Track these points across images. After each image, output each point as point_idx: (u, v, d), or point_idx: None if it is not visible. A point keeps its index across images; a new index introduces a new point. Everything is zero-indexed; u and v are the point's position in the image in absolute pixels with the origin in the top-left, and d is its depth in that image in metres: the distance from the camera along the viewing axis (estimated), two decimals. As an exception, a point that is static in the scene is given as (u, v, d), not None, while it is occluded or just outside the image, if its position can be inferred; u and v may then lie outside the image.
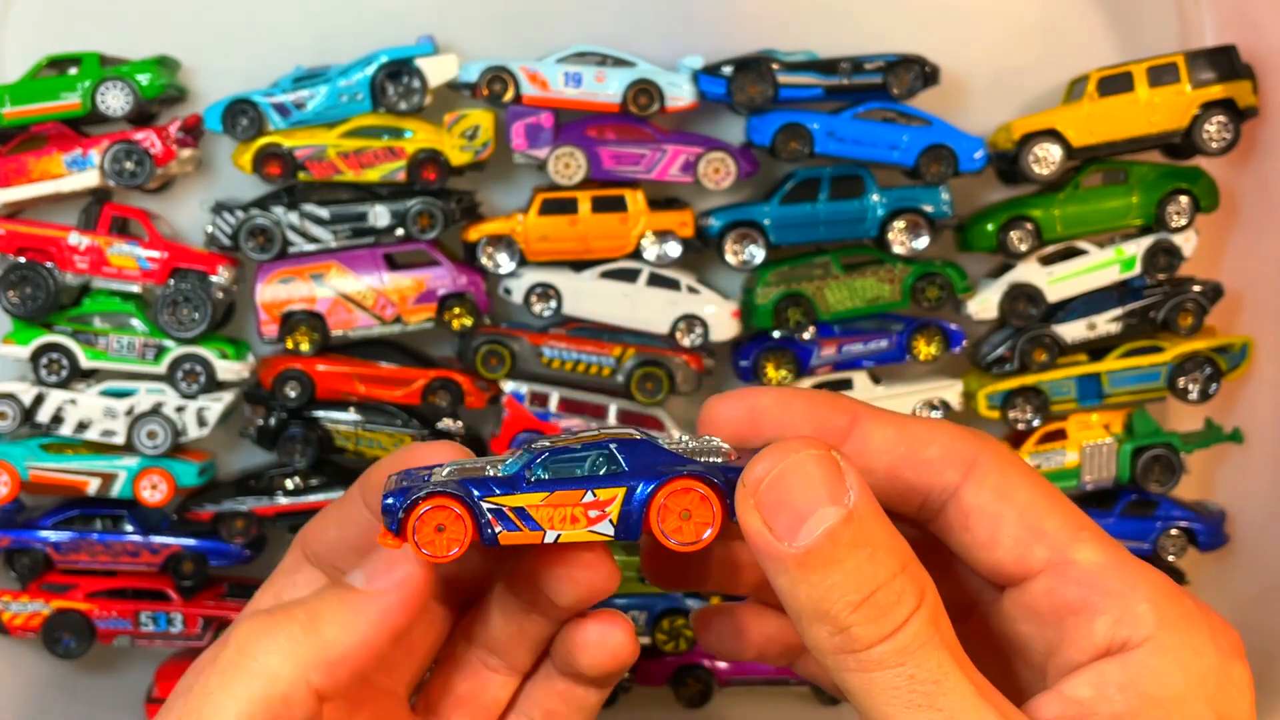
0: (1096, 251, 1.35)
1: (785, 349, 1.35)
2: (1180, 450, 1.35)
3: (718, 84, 1.29)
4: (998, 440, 0.51)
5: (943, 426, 0.51)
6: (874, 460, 0.49)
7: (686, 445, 0.49)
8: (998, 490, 0.48)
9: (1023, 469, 0.49)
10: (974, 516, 0.48)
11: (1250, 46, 1.30)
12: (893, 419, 0.51)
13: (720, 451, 0.49)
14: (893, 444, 0.49)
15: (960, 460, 0.49)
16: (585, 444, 0.48)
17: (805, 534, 0.43)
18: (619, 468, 0.47)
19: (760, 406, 0.50)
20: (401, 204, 1.30)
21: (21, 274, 1.29)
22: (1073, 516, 0.48)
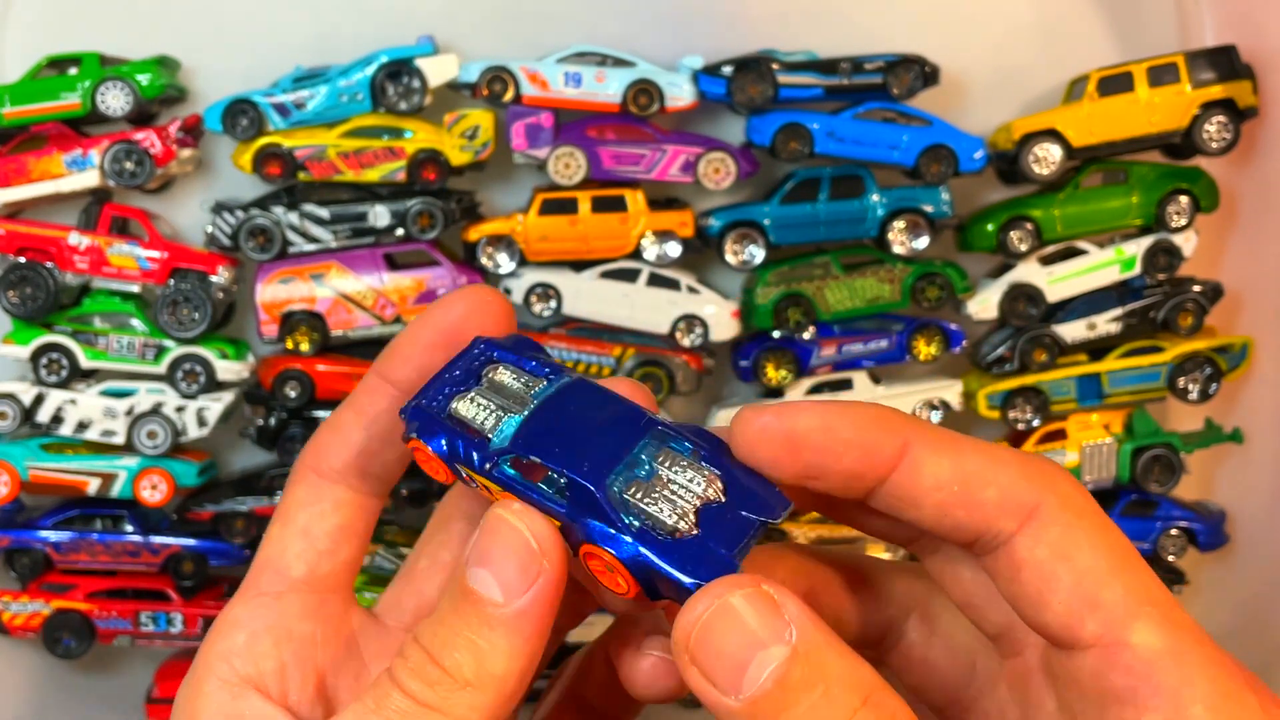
0: (1096, 251, 1.35)
1: (785, 349, 1.35)
2: (1180, 450, 1.35)
3: (718, 84, 1.29)
4: (1069, 481, 0.44)
5: (1006, 463, 0.43)
6: (924, 496, 0.43)
7: (664, 477, 0.44)
8: (1056, 548, 0.42)
9: (1091, 523, 0.42)
10: (1025, 571, 0.42)
11: (1250, 46, 1.30)
12: (949, 447, 0.43)
13: (694, 498, 0.43)
14: (945, 480, 0.43)
15: (1019, 507, 0.42)
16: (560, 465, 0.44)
17: (749, 683, 0.38)
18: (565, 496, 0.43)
19: (801, 429, 0.44)
20: (401, 204, 1.30)
21: (21, 274, 1.29)
22: (1139, 587, 0.41)
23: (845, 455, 0.43)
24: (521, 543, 0.42)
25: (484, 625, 0.41)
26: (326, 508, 0.49)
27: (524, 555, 0.42)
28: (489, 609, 0.41)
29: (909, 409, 1.36)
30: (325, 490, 0.49)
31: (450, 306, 0.49)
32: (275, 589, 0.47)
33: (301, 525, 0.48)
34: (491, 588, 0.41)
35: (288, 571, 0.48)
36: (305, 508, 0.49)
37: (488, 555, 0.42)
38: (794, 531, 1.36)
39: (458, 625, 0.42)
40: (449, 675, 0.41)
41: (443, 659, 0.41)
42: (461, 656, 0.41)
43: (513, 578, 0.41)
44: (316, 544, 0.48)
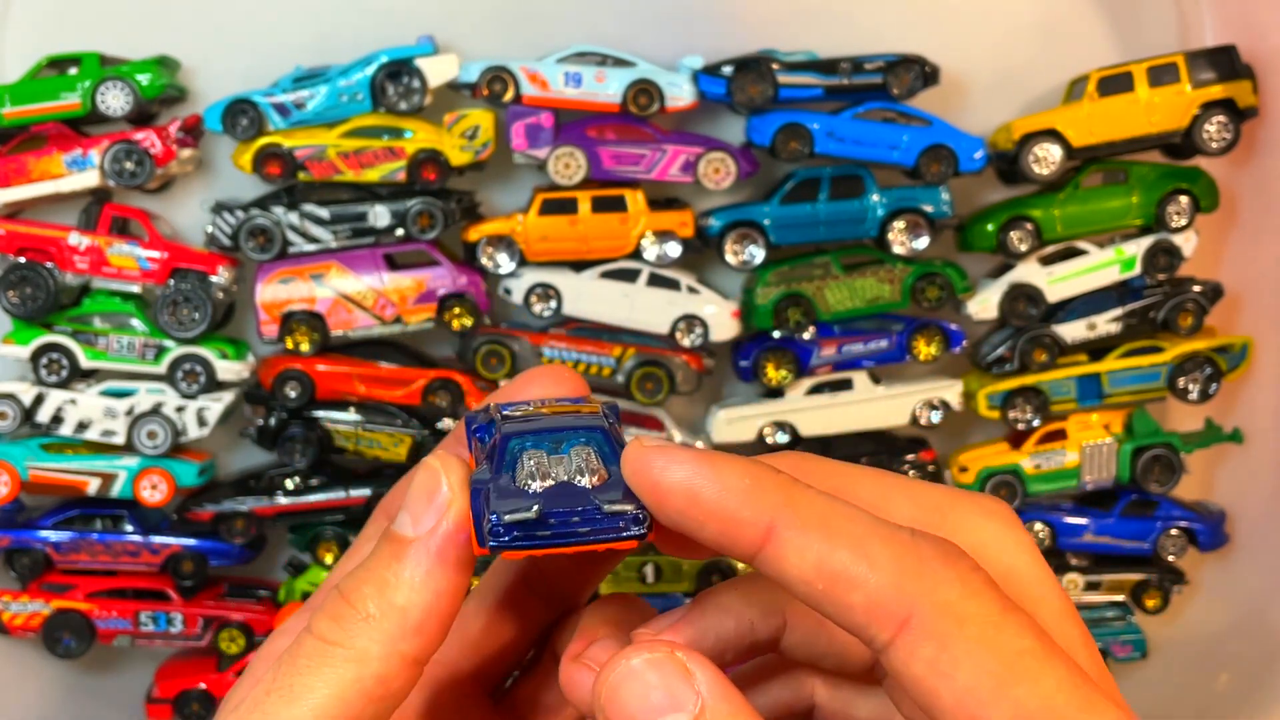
0: (1096, 251, 1.35)
1: (785, 349, 1.35)
2: (1180, 450, 1.35)
3: (718, 84, 1.29)
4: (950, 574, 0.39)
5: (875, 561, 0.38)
6: (791, 585, 0.39)
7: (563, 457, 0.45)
8: (931, 666, 0.37)
9: (972, 632, 0.37)
10: (905, 683, 0.38)
11: (1250, 46, 1.30)
12: (818, 533, 0.39)
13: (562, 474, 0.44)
14: (809, 575, 0.39)
15: (888, 617, 0.38)
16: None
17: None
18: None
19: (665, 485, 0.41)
20: (401, 204, 1.30)
21: (21, 274, 1.29)
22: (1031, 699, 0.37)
23: (706, 524, 0.40)
24: (435, 480, 0.43)
25: (392, 559, 0.43)
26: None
27: (433, 491, 0.43)
28: (396, 542, 0.43)
29: (909, 409, 1.36)
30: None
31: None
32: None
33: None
34: (405, 525, 0.43)
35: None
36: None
37: (407, 497, 0.43)
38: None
39: (371, 564, 0.43)
40: (353, 608, 0.42)
41: (350, 596, 0.43)
42: (368, 590, 0.42)
43: (421, 511, 0.43)
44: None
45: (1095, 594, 1.40)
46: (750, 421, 1.36)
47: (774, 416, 1.36)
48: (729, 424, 1.36)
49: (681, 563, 1.36)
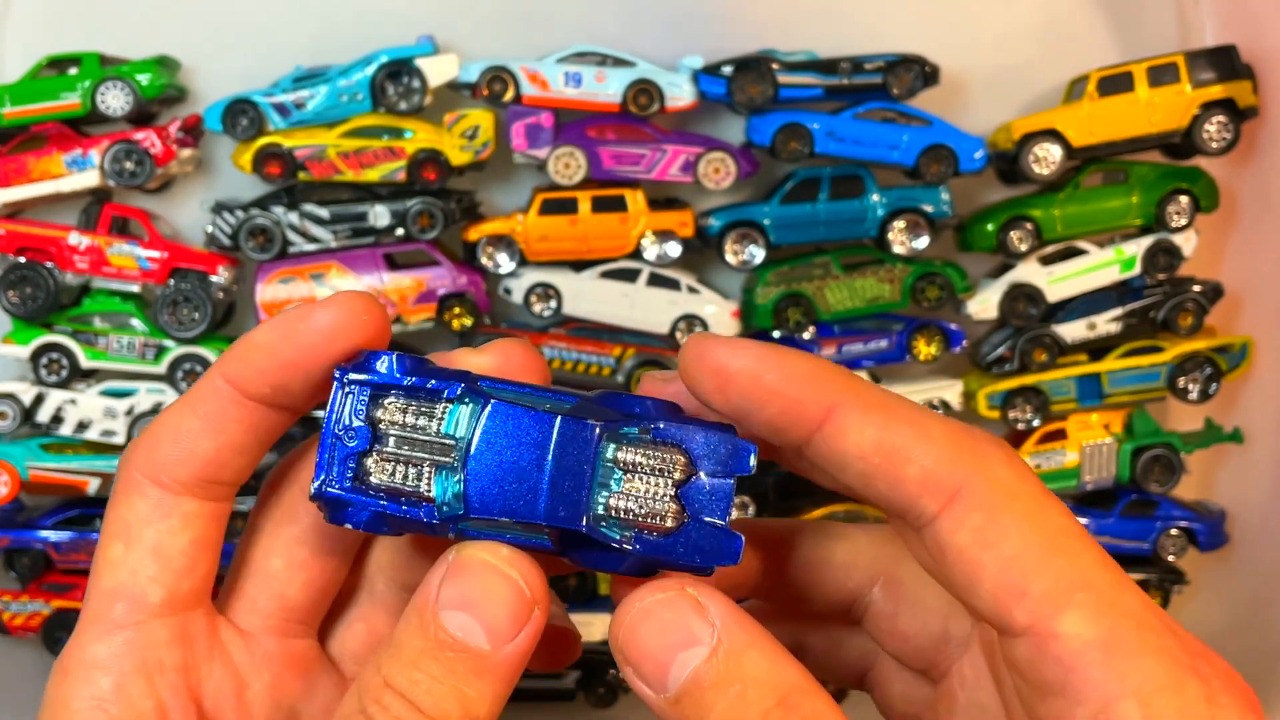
0: (1096, 251, 1.35)
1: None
2: (1180, 450, 1.35)
3: (718, 84, 1.29)
4: (1001, 457, 0.40)
5: (933, 438, 0.40)
6: (847, 462, 0.41)
7: (634, 477, 0.42)
8: (979, 535, 0.39)
9: (1022, 505, 0.39)
10: (950, 555, 0.40)
11: (1250, 46, 1.30)
12: (877, 413, 0.41)
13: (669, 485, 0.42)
14: (868, 449, 0.40)
15: (940, 489, 0.40)
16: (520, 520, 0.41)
17: (672, 681, 0.39)
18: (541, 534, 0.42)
19: (730, 368, 0.41)
20: (401, 204, 1.30)
21: (21, 274, 1.29)
22: (1071, 572, 0.39)
23: (768, 404, 0.41)
24: (515, 590, 0.40)
25: (471, 674, 0.40)
26: (176, 523, 0.43)
27: (516, 603, 0.41)
28: (475, 657, 0.40)
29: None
30: (171, 503, 0.43)
31: (320, 317, 0.42)
32: (134, 619, 0.42)
33: (151, 544, 0.43)
34: (477, 635, 0.40)
35: (144, 598, 0.43)
36: (151, 524, 0.43)
37: (472, 601, 0.40)
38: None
39: (440, 673, 0.40)
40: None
41: (427, 708, 0.40)
42: (449, 706, 0.40)
43: (504, 625, 0.40)
44: (172, 564, 0.43)
45: (1095, 594, 1.40)
46: (750, 421, 1.36)
47: (774, 416, 1.36)
48: (729, 424, 1.36)
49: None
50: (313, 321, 0.42)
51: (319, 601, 0.47)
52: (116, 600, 0.42)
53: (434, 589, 0.40)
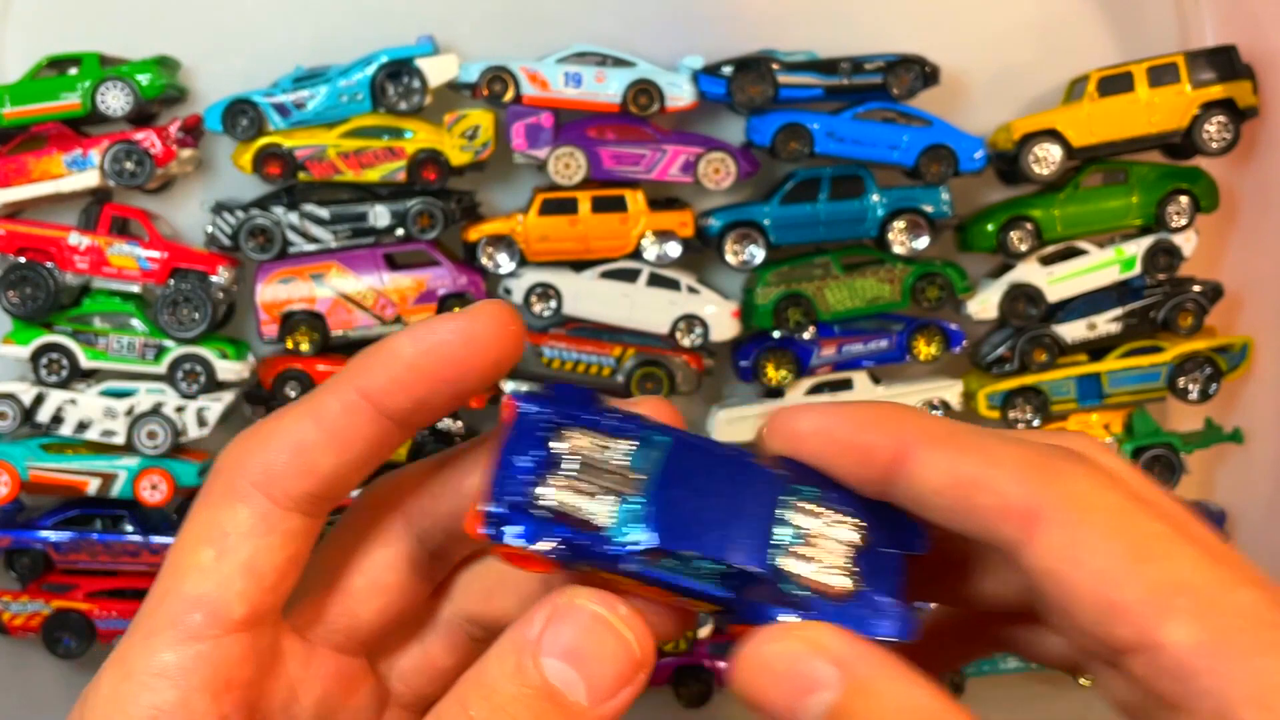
0: (1096, 251, 1.35)
1: (785, 349, 1.35)
2: (1180, 450, 1.35)
3: (718, 84, 1.29)
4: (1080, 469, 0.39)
5: (1000, 462, 0.39)
6: (928, 499, 0.40)
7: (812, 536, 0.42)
8: (1064, 556, 0.38)
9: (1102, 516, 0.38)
10: (1044, 583, 0.38)
11: (1250, 46, 1.30)
12: (945, 448, 0.40)
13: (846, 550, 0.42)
14: (943, 485, 0.39)
15: (1018, 515, 0.38)
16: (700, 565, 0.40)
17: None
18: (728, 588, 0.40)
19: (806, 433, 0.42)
20: (401, 204, 1.30)
21: (21, 274, 1.29)
22: (1166, 577, 0.37)
23: (844, 456, 0.41)
24: (626, 650, 0.39)
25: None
26: (277, 540, 0.41)
27: (625, 664, 0.38)
28: (571, 713, 0.38)
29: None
30: (278, 519, 0.41)
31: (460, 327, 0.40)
32: (213, 632, 0.40)
33: (247, 558, 0.40)
34: (579, 690, 0.38)
35: (229, 613, 0.40)
36: (253, 539, 0.40)
37: (579, 654, 0.38)
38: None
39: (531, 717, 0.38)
40: None
41: None
42: None
43: (607, 684, 0.38)
44: (263, 581, 0.41)
45: (1095, 594, 1.40)
46: (750, 421, 1.36)
47: (774, 416, 1.36)
48: (729, 424, 1.36)
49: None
50: (460, 332, 0.40)
51: (389, 626, 0.46)
52: (198, 609, 0.40)
53: (537, 631, 0.38)
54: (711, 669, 1.39)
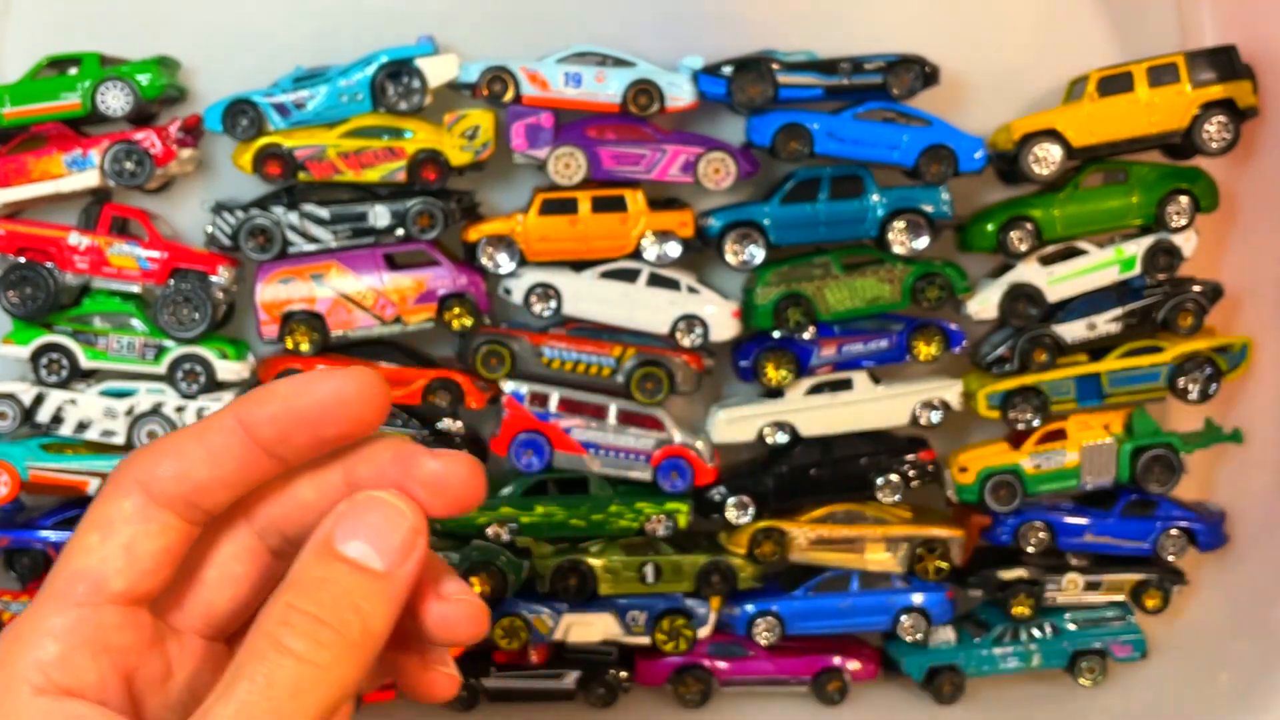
0: (1096, 251, 1.35)
1: (785, 349, 1.35)
2: (1180, 450, 1.35)
3: (718, 84, 1.29)
4: None
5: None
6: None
7: None
8: None
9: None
10: None
11: (1250, 46, 1.30)
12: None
13: None
14: None
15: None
16: None
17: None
18: None
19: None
20: (401, 204, 1.30)
21: (21, 274, 1.29)
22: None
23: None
24: (405, 521, 0.47)
25: (367, 592, 0.46)
26: (154, 529, 0.48)
27: (406, 532, 0.47)
28: (372, 577, 0.46)
29: (909, 409, 1.36)
30: (154, 512, 0.48)
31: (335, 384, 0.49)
32: (93, 600, 0.47)
33: (125, 541, 0.48)
34: (373, 558, 0.46)
35: (106, 584, 0.47)
36: (131, 524, 0.48)
37: (367, 531, 0.47)
38: (793, 531, 1.36)
39: (340, 592, 0.45)
40: (340, 635, 0.45)
41: (332, 621, 0.45)
42: (350, 618, 0.45)
43: (396, 550, 0.47)
44: (139, 563, 0.48)
45: (1095, 594, 1.40)
46: (750, 421, 1.36)
47: (774, 416, 1.36)
48: (729, 424, 1.36)
49: (682, 562, 1.36)
50: (329, 386, 0.48)
51: (241, 613, 0.52)
52: (80, 581, 0.47)
53: (329, 528, 0.47)
54: (711, 669, 1.39)
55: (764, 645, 1.39)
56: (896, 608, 1.38)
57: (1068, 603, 1.40)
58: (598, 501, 1.36)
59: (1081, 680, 1.40)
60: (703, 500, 1.37)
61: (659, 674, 1.39)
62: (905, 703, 1.42)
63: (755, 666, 1.40)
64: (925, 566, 1.37)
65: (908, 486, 1.37)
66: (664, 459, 1.34)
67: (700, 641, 1.38)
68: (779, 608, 1.38)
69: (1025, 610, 1.38)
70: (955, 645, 1.40)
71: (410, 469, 0.49)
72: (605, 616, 1.36)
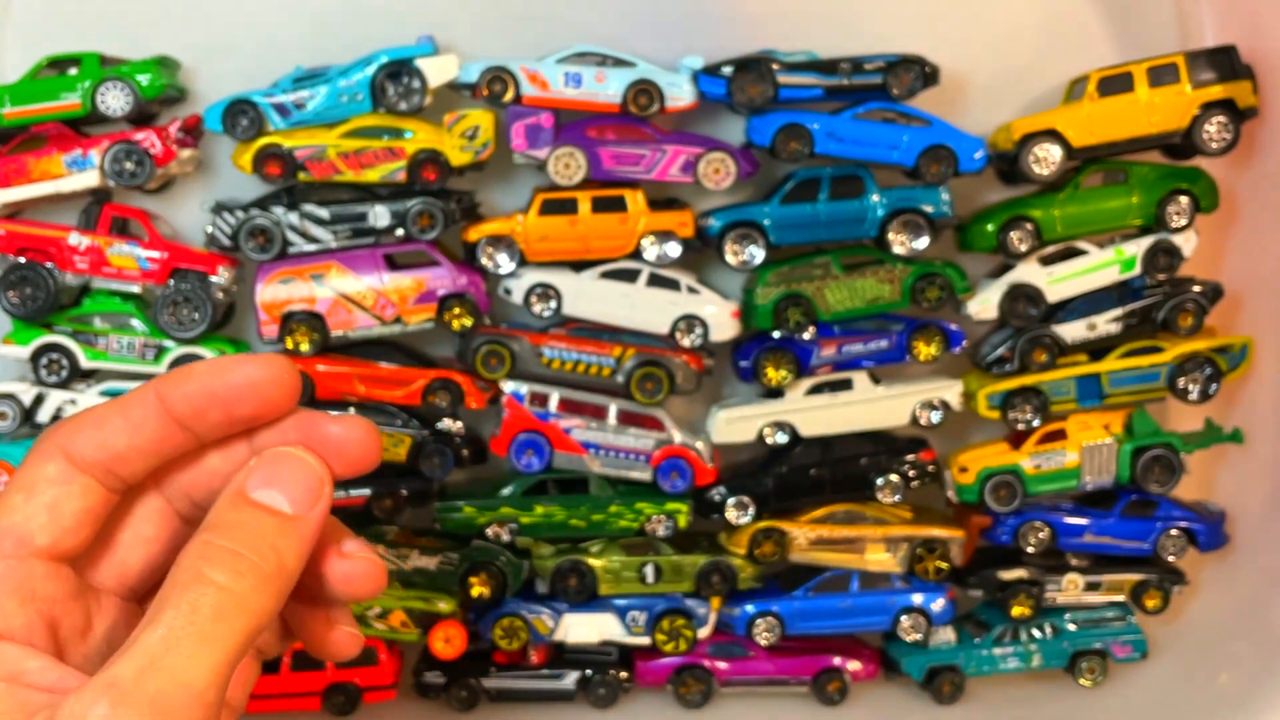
0: (1096, 251, 1.35)
1: (785, 349, 1.35)
2: (1180, 450, 1.35)
3: (718, 84, 1.29)
4: None
5: None
6: None
7: None
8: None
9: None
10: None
11: (1250, 46, 1.30)
12: None
13: None
14: None
15: None
16: None
17: None
18: None
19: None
20: (401, 204, 1.30)
21: (21, 274, 1.29)
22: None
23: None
24: (311, 471, 0.53)
25: (279, 533, 0.51)
26: (75, 490, 0.52)
27: (313, 480, 0.52)
28: (282, 520, 0.51)
29: (909, 409, 1.36)
30: (74, 475, 0.52)
31: (249, 369, 0.53)
32: (19, 553, 0.51)
33: (48, 501, 0.52)
34: (282, 502, 0.51)
35: (32, 539, 0.51)
36: (54, 486, 0.52)
37: (276, 479, 0.52)
38: (793, 531, 1.36)
39: (255, 532, 0.50)
40: (256, 566, 0.49)
41: (249, 554, 0.49)
42: (266, 552, 0.50)
43: (303, 496, 0.52)
44: (62, 521, 0.52)
45: (1095, 594, 1.40)
46: (750, 421, 1.36)
47: (774, 416, 1.36)
48: (729, 424, 1.36)
49: (682, 562, 1.36)
50: (244, 371, 0.53)
51: (152, 575, 0.56)
52: (8, 537, 0.51)
53: (241, 480, 0.51)
54: (711, 669, 1.39)
55: (764, 645, 1.39)
56: (896, 608, 1.38)
57: (1068, 603, 1.40)
58: (598, 502, 1.36)
59: (1081, 680, 1.40)
60: (703, 500, 1.37)
61: (659, 674, 1.39)
62: (905, 703, 1.42)
63: (755, 667, 1.40)
64: (925, 566, 1.37)
65: (908, 486, 1.37)
66: (664, 459, 1.34)
67: (700, 642, 1.38)
68: (779, 608, 1.38)
69: (1025, 610, 1.38)
70: (955, 645, 1.40)
71: (311, 433, 0.54)
72: (605, 616, 1.36)
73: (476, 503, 1.35)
